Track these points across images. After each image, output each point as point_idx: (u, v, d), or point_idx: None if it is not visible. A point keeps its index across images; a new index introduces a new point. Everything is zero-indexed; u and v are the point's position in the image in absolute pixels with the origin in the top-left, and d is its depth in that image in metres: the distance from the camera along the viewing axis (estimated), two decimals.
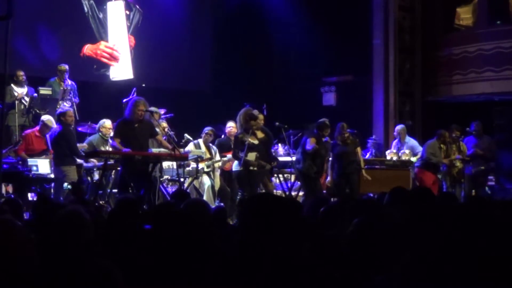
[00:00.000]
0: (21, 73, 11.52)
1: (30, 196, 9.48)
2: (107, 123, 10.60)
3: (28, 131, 10.50)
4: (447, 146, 11.42)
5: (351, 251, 2.99)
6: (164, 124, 10.66)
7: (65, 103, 11.42)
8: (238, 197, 10.08)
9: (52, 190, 9.74)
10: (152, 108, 9.82)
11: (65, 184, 9.38)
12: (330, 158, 10.45)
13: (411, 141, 12.63)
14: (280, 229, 2.54)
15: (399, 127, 12.90)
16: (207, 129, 10.84)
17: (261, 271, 2.46)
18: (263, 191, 10.08)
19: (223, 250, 3.06)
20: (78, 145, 9.95)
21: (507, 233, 2.63)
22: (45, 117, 10.43)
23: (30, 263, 2.66)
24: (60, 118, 9.77)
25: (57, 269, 2.84)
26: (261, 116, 9.99)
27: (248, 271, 2.47)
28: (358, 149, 10.58)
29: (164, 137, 9.57)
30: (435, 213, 3.32)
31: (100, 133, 10.65)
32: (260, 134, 9.79)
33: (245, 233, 2.57)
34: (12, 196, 8.38)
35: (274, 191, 10.51)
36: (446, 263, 2.43)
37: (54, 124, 10.27)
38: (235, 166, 9.84)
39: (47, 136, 10.31)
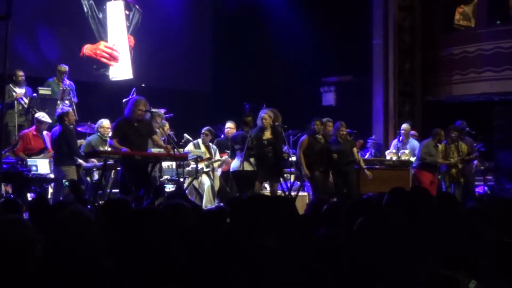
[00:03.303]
0: (21, 73, 11.51)
1: (30, 196, 9.47)
2: (105, 123, 10.58)
3: (26, 130, 10.50)
4: (445, 146, 11.40)
5: (355, 251, 2.96)
6: (166, 125, 10.66)
7: (64, 103, 11.40)
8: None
9: (50, 190, 9.75)
10: (154, 110, 9.79)
11: (63, 181, 9.37)
12: None
13: (413, 141, 12.63)
14: (269, 227, 2.54)
15: (405, 125, 12.87)
16: (204, 129, 10.87)
17: (250, 268, 2.46)
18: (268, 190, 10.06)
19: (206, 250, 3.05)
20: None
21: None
22: (39, 114, 10.46)
23: (38, 263, 2.67)
24: (62, 118, 9.73)
25: (61, 269, 2.85)
26: (266, 116, 9.74)
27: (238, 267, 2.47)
28: (355, 149, 10.59)
29: (164, 138, 9.52)
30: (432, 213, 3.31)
31: (98, 133, 10.63)
32: (267, 135, 9.66)
33: (235, 231, 2.57)
34: (12, 196, 8.37)
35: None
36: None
37: (48, 119, 10.33)
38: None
39: (45, 134, 10.31)
